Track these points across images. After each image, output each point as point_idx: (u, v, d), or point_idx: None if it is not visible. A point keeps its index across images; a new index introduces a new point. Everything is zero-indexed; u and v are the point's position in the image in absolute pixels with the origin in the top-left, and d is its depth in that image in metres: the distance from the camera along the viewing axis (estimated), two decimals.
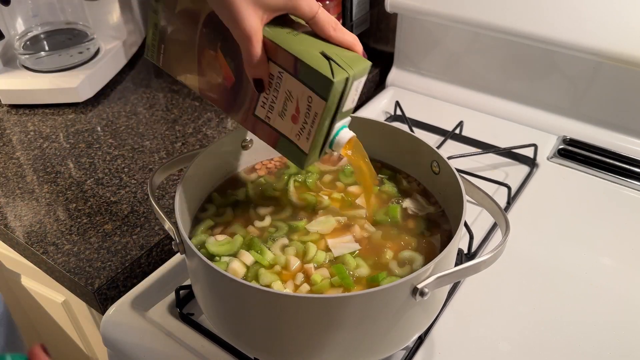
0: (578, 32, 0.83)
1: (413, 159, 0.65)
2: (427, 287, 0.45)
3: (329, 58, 0.47)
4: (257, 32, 0.48)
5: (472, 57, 1.00)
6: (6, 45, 1.09)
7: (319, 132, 0.50)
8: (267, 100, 0.52)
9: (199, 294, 0.55)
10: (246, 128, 0.56)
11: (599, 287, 0.67)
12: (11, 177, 0.87)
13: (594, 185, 0.83)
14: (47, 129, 0.98)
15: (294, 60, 0.48)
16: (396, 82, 1.10)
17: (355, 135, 0.54)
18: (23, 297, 1.03)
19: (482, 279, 0.61)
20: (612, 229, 0.76)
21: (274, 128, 0.53)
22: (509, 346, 0.61)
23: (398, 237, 0.58)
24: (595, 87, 0.89)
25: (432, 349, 0.60)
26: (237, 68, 0.53)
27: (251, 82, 0.51)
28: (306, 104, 0.49)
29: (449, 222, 0.60)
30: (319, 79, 0.47)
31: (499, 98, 0.99)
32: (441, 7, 0.94)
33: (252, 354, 0.58)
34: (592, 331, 0.62)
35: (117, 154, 0.91)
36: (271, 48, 0.49)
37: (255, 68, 0.50)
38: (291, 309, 0.46)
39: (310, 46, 0.49)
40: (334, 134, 0.53)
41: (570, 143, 0.91)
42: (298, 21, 0.52)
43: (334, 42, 0.50)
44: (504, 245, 0.49)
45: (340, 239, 0.57)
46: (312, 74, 0.47)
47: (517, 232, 0.69)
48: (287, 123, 0.52)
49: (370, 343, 0.49)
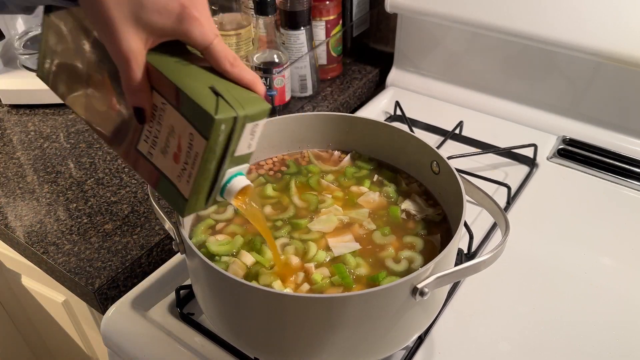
0: (578, 32, 0.83)
1: (413, 159, 0.65)
2: (427, 287, 0.45)
3: (217, 93, 0.42)
4: (138, 55, 0.42)
5: (472, 58, 1.00)
6: (6, 45, 1.09)
7: (202, 175, 0.44)
8: (150, 134, 0.46)
9: (199, 293, 0.56)
10: (128, 163, 0.50)
11: (598, 287, 0.67)
12: (12, 177, 0.87)
13: (594, 185, 0.84)
14: (47, 129, 0.98)
15: (176, 91, 0.43)
16: (396, 82, 1.10)
17: (251, 184, 0.48)
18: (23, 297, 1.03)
19: (482, 279, 0.61)
20: (612, 229, 0.76)
21: (155, 166, 0.47)
22: (508, 346, 0.61)
23: (398, 237, 0.58)
24: (595, 87, 0.89)
25: (432, 348, 0.60)
26: (122, 94, 0.47)
27: (132, 110, 0.46)
28: (188, 142, 0.43)
29: (449, 222, 0.60)
30: (200, 114, 0.42)
31: (498, 98, 0.99)
32: (441, 7, 0.94)
33: (252, 353, 0.58)
34: (592, 331, 0.62)
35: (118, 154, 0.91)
36: (155, 75, 0.44)
37: (135, 95, 0.44)
38: (291, 309, 0.46)
39: (199, 79, 0.44)
40: (226, 181, 0.46)
41: (570, 143, 0.91)
42: (196, 53, 0.46)
43: (230, 79, 0.45)
44: (504, 245, 0.49)
45: (341, 238, 0.57)
46: (194, 108, 0.42)
47: (517, 232, 0.69)
48: (169, 162, 0.46)
49: (370, 343, 0.49)
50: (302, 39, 0.98)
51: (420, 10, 0.97)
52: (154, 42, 0.43)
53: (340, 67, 1.12)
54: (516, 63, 0.95)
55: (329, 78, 1.11)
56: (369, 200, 0.63)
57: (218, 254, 0.56)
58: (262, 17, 0.91)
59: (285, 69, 0.95)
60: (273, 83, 0.95)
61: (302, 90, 1.04)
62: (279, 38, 0.98)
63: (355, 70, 1.14)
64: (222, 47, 0.44)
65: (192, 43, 0.44)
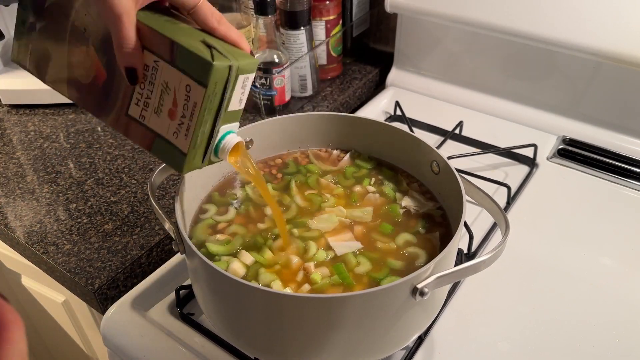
0: (578, 32, 0.83)
1: (413, 159, 0.65)
2: (427, 287, 0.45)
3: (210, 46, 0.44)
4: (129, 12, 0.43)
5: (472, 57, 1.00)
6: (6, 45, 1.09)
7: (200, 126, 0.45)
8: (141, 97, 0.47)
9: (199, 293, 0.56)
10: (118, 131, 0.50)
11: (598, 287, 0.67)
12: (11, 177, 0.87)
13: (594, 185, 0.83)
14: (47, 129, 0.98)
15: (171, 45, 0.44)
16: (396, 82, 1.10)
17: (243, 140, 0.50)
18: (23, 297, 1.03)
19: (482, 279, 0.61)
20: (612, 229, 0.76)
21: (149, 128, 0.47)
22: (508, 346, 0.61)
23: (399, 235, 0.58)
24: (595, 87, 0.89)
25: (432, 348, 0.60)
26: (109, 63, 0.48)
27: (123, 72, 0.46)
28: (184, 95, 0.44)
29: (449, 221, 0.60)
30: (197, 63, 0.43)
31: (498, 98, 0.99)
32: (441, 7, 0.94)
33: (252, 353, 0.58)
34: (592, 331, 0.62)
35: (118, 154, 0.91)
36: (146, 33, 0.45)
37: (127, 55, 0.45)
38: (291, 309, 0.46)
39: (190, 35, 0.45)
40: (219, 139, 0.47)
41: (570, 143, 0.91)
42: (180, 16, 0.48)
43: (217, 36, 0.47)
44: (504, 245, 0.49)
45: (342, 237, 0.57)
46: (190, 59, 0.43)
47: (516, 232, 0.69)
48: (163, 120, 0.46)
49: (370, 343, 0.49)
50: (302, 39, 0.98)
51: (420, 10, 0.97)
52: (143, 3, 0.45)
53: (340, 67, 1.12)
54: (516, 63, 0.95)
55: (329, 78, 1.11)
56: (369, 199, 0.63)
57: (218, 254, 0.56)
58: (262, 17, 0.91)
59: (285, 69, 0.95)
60: (273, 83, 0.95)
61: (302, 90, 1.04)
62: (279, 38, 0.98)
63: (355, 70, 1.14)
64: (208, 6, 0.46)
65: (180, 3, 0.46)
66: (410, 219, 0.61)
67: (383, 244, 0.57)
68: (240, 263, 0.55)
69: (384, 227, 0.59)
